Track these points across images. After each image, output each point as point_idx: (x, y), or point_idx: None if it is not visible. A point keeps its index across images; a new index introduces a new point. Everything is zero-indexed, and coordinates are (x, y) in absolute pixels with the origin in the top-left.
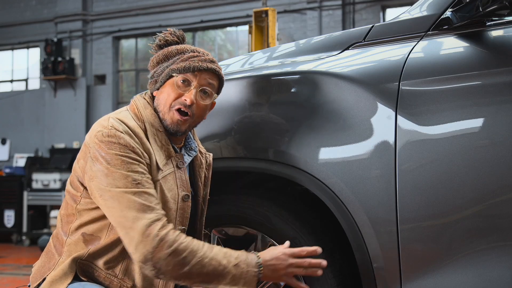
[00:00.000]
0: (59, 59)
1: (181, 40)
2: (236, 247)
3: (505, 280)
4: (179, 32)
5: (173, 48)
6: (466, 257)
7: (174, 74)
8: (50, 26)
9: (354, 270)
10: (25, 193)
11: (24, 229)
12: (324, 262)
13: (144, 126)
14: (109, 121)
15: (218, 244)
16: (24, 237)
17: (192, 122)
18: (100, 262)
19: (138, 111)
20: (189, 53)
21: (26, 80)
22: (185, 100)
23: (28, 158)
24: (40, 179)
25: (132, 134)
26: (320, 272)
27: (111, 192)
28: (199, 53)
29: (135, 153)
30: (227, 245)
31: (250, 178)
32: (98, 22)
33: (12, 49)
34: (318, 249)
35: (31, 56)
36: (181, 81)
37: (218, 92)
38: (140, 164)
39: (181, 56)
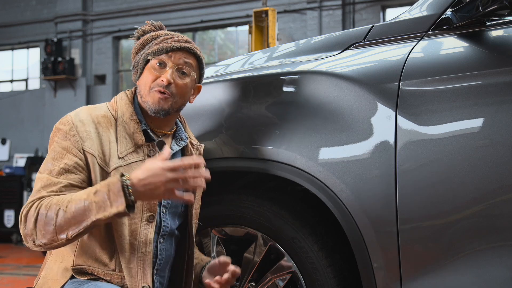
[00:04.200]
0: (59, 59)
1: (158, 29)
2: (236, 247)
3: (505, 280)
4: (157, 23)
5: (148, 35)
6: (466, 257)
7: (149, 58)
8: (50, 26)
9: (354, 270)
10: (25, 193)
11: None
12: (208, 174)
13: (117, 115)
14: (75, 111)
15: (218, 244)
16: None
17: (174, 102)
18: (92, 262)
19: (115, 103)
20: (163, 36)
21: (26, 80)
22: (162, 80)
23: (28, 158)
24: None
25: (89, 123)
26: (203, 184)
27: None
28: (172, 35)
29: (72, 141)
30: (227, 245)
31: (250, 178)
32: (98, 22)
33: (12, 49)
34: (199, 161)
35: (31, 56)
36: (157, 64)
37: (199, 73)
38: (69, 154)
39: (155, 41)
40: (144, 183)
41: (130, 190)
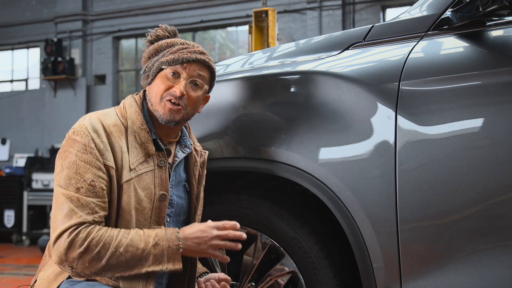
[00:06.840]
0: (59, 59)
1: (172, 35)
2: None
3: (505, 280)
4: (170, 28)
5: (163, 42)
6: (466, 257)
7: (163, 67)
8: (50, 26)
9: (354, 270)
10: (25, 193)
11: (24, 229)
12: (244, 235)
13: (127, 123)
14: (85, 120)
15: None
16: (24, 237)
17: (186, 113)
18: None
19: (124, 109)
20: (179, 45)
21: (26, 80)
22: (175, 91)
23: (28, 158)
24: (40, 179)
25: (103, 133)
26: (239, 246)
27: (55, 188)
28: (188, 45)
29: (93, 155)
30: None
31: (250, 178)
32: (98, 22)
33: (12, 49)
34: (237, 224)
35: (31, 56)
36: (171, 74)
37: (210, 85)
38: (93, 168)
39: (171, 49)
40: (193, 236)
41: (182, 246)
